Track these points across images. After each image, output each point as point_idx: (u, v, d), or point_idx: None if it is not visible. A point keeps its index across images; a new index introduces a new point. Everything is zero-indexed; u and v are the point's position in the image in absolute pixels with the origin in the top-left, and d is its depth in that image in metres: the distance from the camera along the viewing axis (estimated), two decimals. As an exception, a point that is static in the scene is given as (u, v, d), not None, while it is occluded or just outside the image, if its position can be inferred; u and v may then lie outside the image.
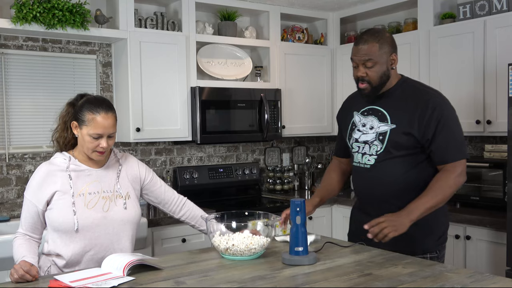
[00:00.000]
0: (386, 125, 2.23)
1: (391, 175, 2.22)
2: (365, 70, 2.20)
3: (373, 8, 4.14)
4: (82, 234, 2.05)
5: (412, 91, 2.25)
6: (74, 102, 2.16)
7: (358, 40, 2.22)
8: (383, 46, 2.19)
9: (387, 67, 2.21)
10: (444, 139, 2.15)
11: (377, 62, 2.18)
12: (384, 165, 2.23)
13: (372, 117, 2.28)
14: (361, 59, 2.19)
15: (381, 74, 2.20)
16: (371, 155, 2.26)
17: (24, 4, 3.07)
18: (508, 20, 3.26)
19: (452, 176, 2.13)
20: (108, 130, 2.07)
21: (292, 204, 1.99)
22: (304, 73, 4.30)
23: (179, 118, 3.68)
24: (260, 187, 4.35)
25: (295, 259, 1.94)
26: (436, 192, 2.10)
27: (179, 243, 3.31)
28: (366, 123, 2.29)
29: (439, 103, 2.19)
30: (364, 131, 2.29)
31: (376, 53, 2.17)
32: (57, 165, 2.11)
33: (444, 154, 2.16)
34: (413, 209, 2.06)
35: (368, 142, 2.28)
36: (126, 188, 2.20)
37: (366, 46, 2.18)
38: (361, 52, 2.19)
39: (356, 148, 2.33)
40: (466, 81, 3.46)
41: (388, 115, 2.23)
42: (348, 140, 2.39)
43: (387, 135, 2.22)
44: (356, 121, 2.35)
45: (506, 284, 1.68)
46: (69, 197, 2.06)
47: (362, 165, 2.30)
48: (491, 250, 3.09)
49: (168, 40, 3.63)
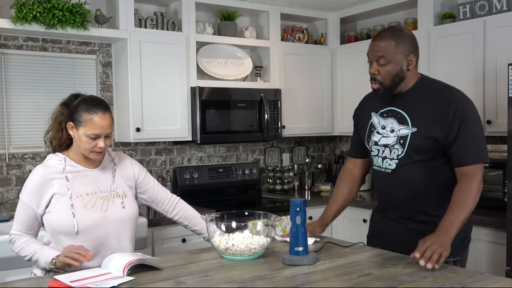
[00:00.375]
0: (407, 128, 2.15)
1: (413, 180, 2.16)
2: (378, 68, 2.12)
3: (373, 8, 4.14)
4: (82, 235, 2.05)
5: (432, 91, 2.16)
6: (68, 102, 2.14)
7: (376, 36, 2.16)
8: (400, 45, 2.11)
9: (402, 67, 2.12)
10: (464, 140, 2.06)
11: (391, 60, 2.10)
12: (405, 169, 2.17)
13: (391, 119, 2.20)
14: (375, 55, 2.12)
15: (394, 74, 2.12)
16: (392, 159, 2.19)
17: (24, 4, 3.07)
18: (508, 20, 3.26)
19: (474, 186, 2.04)
20: (105, 130, 2.06)
21: (292, 204, 1.98)
22: (304, 73, 4.30)
23: (179, 118, 3.68)
24: (260, 187, 4.35)
25: (295, 259, 1.94)
26: (465, 204, 2.01)
27: (179, 243, 3.31)
28: (386, 126, 2.21)
29: (461, 103, 2.10)
30: (384, 134, 2.21)
31: (391, 51, 2.10)
32: (52, 167, 2.10)
33: (463, 156, 2.07)
34: (449, 227, 1.96)
35: (389, 146, 2.20)
36: (122, 187, 2.20)
37: (382, 42, 2.11)
38: (376, 48, 2.12)
39: (375, 151, 2.26)
40: (466, 81, 3.46)
41: (409, 118, 2.15)
42: (367, 142, 2.30)
43: (408, 139, 2.14)
44: (375, 122, 2.26)
45: (506, 284, 1.68)
46: (67, 199, 2.05)
47: (383, 170, 2.23)
48: (491, 250, 3.09)
49: (168, 40, 3.63)
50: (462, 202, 2.01)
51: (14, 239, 2.09)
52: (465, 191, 2.04)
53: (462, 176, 2.07)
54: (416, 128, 2.13)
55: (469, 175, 2.06)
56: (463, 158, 2.07)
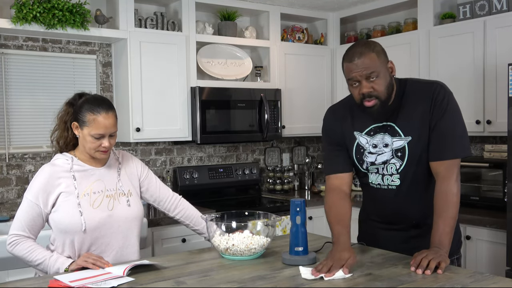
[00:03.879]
0: (401, 139, 2.02)
1: (422, 191, 2.07)
2: (371, 85, 1.93)
3: (373, 8, 4.14)
4: (89, 234, 2.05)
5: (414, 92, 2.04)
6: (73, 101, 2.14)
7: (352, 56, 1.94)
8: (380, 56, 1.96)
9: (390, 76, 1.99)
10: (442, 132, 1.97)
11: (380, 72, 1.94)
12: (411, 182, 2.06)
13: (381, 135, 2.06)
14: (363, 73, 1.92)
15: (386, 85, 1.96)
16: (393, 175, 2.07)
17: (24, 4, 3.07)
18: (508, 20, 3.26)
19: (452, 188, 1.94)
20: (109, 129, 2.06)
21: (292, 204, 1.98)
22: (304, 73, 4.30)
23: (179, 118, 3.68)
24: (260, 187, 4.35)
25: (295, 259, 1.94)
26: (447, 213, 1.93)
27: (179, 243, 3.31)
28: (378, 143, 2.07)
29: (444, 94, 1.99)
30: (378, 151, 2.07)
31: (377, 64, 1.93)
32: (60, 166, 2.10)
33: (439, 150, 1.97)
34: (440, 241, 1.89)
35: (387, 162, 2.07)
36: (128, 186, 2.21)
37: (365, 59, 1.92)
38: (361, 66, 1.92)
39: (374, 169, 2.11)
40: (466, 81, 3.46)
41: (399, 128, 2.03)
42: (360, 165, 2.13)
43: (406, 150, 2.02)
44: (362, 143, 2.10)
45: (506, 284, 1.68)
46: (74, 198, 2.05)
47: (386, 187, 2.10)
48: (491, 250, 3.09)
49: (168, 40, 3.63)
50: (445, 212, 1.93)
51: (16, 241, 2.04)
52: (445, 198, 1.95)
53: (438, 176, 1.99)
54: (411, 137, 2.01)
55: (443, 175, 1.97)
56: (437, 154, 1.98)
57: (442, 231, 1.91)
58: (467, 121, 3.38)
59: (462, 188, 3.45)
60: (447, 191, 1.95)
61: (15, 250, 2.04)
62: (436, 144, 1.99)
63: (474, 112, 3.42)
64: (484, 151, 3.46)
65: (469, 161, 3.46)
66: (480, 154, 3.72)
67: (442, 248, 1.88)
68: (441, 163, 1.98)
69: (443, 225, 1.92)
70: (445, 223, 1.92)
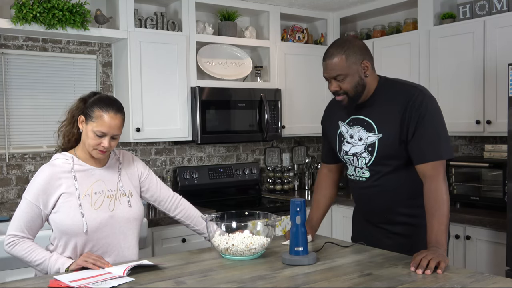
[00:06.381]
0: (374, 135, 2.14)
1: (390, 186, 2.17)
2: (338, 84, 2.10)
3: (373, 8, 4.14)
4: (91, 235, 2.04)
5: (394, 92, 2.13)
6: (87, 98, 2.15)
7: (325, 55, 2.11)
8: (350, 56, 2.06)
9: (360, 76, 2.09)
10: (423, 136, 2.03)
11: (347, 74, 2.07)
12: (380, 176, 2.17)
13: (358, 128, 2.19)
14: (331, 74, 2.09)
15: (354, 84, 2.09)
16: (362, 168, 2.20)
17: (24, 4, 3.07)
18: (508, 20, 3.26)
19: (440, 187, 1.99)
20: (112, 130, 2.06)
21: (292, 204, 1.98)
22: (304, 73, 4.30)
23: (179, 118, 3.68)
24: (260, 187, 4.35)
25: (295, 259, 1.94)
26: (439, 212, 1.97)
27: (179, 243, 3.31)
28: (354, 134, 2.21)
29: (421, 99, 2.06)
30: (353, 143, 2.21)
31: (344, 66, 2.06)
32: (59, 166, 2.09)
33: (422, 154, 2.03)
34: (437, 240, 1.93)
35: (356, 155, 2.20)
36: (128, 186, 2.20)
37: (333, 60, 2.07)
38: (329, 67, 2.08)
39: (348, 161, 2.26)
40: (466, 81, 3.46)
41: (375, 124, 2.14)
42: (339, 152, 2.30)
43: (376, 146, 2.13)
44: (343, 132, 2.26)
45: (506, 284, 1.68)
46: (75, 199, 2.05)
47: (358, 178, 2.24)
48: (491, 250, 3.09)
49: (168, 40, 3.63)
50: (437, 211, 1.97)
51: (15, 242, 2.03)
52: (434, 196, 1.99)
53: (425, 177, 2.04)
54: (382, 134, 2.11)
55: (430, 175, 2.02)
56: (422, 156, 2.03)
57: (438, 229, 1.96)
58: (467, 121, 3.44)
59: (462, 188, 3.46)
60: (437, 189, 2.00)
61: (14, 251, 2.03)
62: (420, 147, 2.05)
63: (474, 112, 3.42)
64: (484, 151, 3.46)
65: (469, 161, 3.46)
66: (480, 154, 3.72)
67: (440, 247, 1.91)
68: (426, 164, 2.04)
69: (437, 224, 1.97)
70: (439, 222, 1.97)
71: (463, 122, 3.49)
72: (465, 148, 3.90)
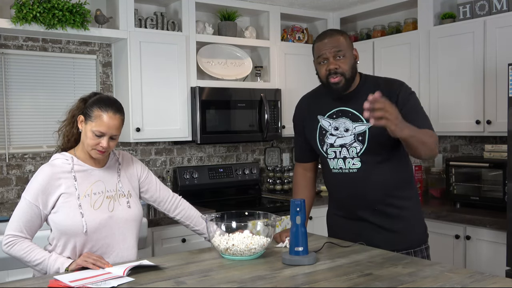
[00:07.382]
0: (362, 124, 2.16)
1: (381, 176, 2.18)
2: (337, 62, 2.14)
3: (373, 8, 4.14)
4: (90, 235, 2.04)
5: (377, 84, 2.20)
6: (87, 98, 2.15)
7: (322, 36, 2.19)
8: (347, 40, 2.18)
9: (354, 60, 2.19)
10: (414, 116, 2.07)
11: (346, 53, 2.15)
12: (372, 165, 2.17)
13: (343, 119, 2.21)
14: (332, 50, 2.13)
15: (351, 65, 2.16)
16: (353, 158, 2.19)
17: (24, 4, 3.07)
18: (508, 20, 3.26)
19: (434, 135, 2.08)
20: (111, 130, 2.06)
21: (292, 204, 1.98)
22: (304, 73, 4.29)
23: (179, 118, 3.68)
24: (260, 187, 4.35)
25: (295, 259, 1.94)
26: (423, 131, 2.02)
27: (179, 243, 3.31)
28: (339, 126, 2.22)
29: (406, 88, 2.18)
30: (339, 134, 2.21)
31: (345, 45, 2.15)
32: (59, 166, 2.08)
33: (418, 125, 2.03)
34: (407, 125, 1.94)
35: (345, 145, 2.20)
36: (127, 187, 2.20)
37: (335, 38, 2.16)
38: (330, 44, 2.14)
39: (332, 153, 2.24)
40: (466, 81, 3.46)
41: (361, 115, 2.14)
42: (320, 146, 2.28)
43: (367, 135, 2.15)
44: (325, 125, 2.26)
45: (506, 284, 1.68)
46: (74, 199, 2.05)
47: (347, 170, 2.21)
48: (491, 250, 3.09)
49: (168, 40, 3.63)
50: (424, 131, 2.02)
51: (14, 242, 2.02)
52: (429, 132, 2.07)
53: None
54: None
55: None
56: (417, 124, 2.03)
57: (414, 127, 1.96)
58: (467, 121, 3.44)
59: (462, 188, 3.47)
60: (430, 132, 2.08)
61: (13, 251, 2.02)
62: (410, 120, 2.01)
63: (474, 112, 3.42)
64: (484, 151, 3.46)
65: (469, 161, 3.46)
66: (480, 154, 3.72)
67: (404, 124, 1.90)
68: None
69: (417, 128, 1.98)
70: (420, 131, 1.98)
71: (463, 122, 3.49)
72: (465, 148, 3.90)
